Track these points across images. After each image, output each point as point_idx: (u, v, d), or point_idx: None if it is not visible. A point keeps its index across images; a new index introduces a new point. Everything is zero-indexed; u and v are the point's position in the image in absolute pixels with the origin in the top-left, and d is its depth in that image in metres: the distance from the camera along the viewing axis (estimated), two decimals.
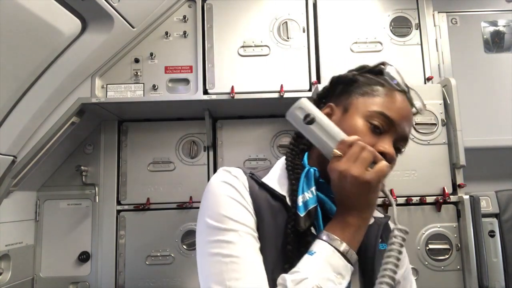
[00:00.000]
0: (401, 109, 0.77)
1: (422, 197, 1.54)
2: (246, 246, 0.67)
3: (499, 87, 1.87)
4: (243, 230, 0.68)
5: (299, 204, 0.71)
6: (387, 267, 0.64)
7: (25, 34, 1.23)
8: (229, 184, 0.73)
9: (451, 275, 1.52)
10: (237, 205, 0.71)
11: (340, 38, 1.79)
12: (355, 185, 0.67)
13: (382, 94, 0.79)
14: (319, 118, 0.74)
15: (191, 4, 1.77)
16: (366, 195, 0.68)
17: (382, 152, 0.72)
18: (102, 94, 1.69)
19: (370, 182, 0.66)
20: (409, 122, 0.79)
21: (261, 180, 0.77)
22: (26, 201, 1.80)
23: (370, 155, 0.68)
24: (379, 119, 0.75)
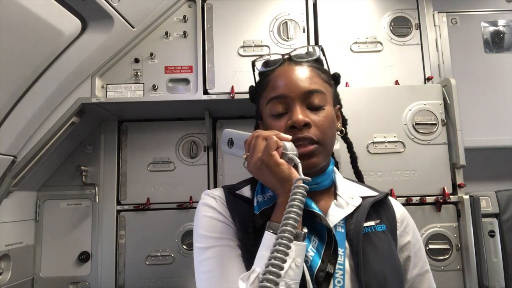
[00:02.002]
0: (283, 79, 0.81)
1: (422, 197, 1.54)
2: (222, 259, 0.74)
3: (499, 87, 1.87)
4: (221, 243, 0.76)
5: (255, 204, 0.79)
6: (285, 222, 0.63)
7: (25, 34, 1.23)
8: (207, 206, 0.82)
9: (451, 275, 1.52)
10: (214, 222, 0.79)
11: (340, 38, 1.79)
12: (259, 170, 0.72)
13: (266, 83, 0.85)
14: (236, 137, 0.82)
15: (191, 4, 1.77)
16: (270, 173, 0.71)
17: (291, 125, 0.77)
18: (102, 94, 1.69)
19: (263, 161, 0.70)
20: (299, 77, 0.80)
21: (235, 192, 0.85)
22: (26, 201, 1.80)
23: (261, 139, 0.72)
24: (274, 105, 0.80)
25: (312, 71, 0.83)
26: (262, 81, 0.87)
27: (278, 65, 0.85)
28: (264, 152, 0.71)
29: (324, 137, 0.79)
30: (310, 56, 0.88)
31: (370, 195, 0.86)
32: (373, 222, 0.82)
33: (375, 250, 0.78)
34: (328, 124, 0.80)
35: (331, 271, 0.73)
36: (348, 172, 1.55)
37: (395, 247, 0.83)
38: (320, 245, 0.75)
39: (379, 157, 1.57)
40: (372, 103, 1.61)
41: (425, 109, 1.60)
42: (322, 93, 0.81)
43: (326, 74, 0.88)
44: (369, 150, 1.58)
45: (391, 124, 1.59)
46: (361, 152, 1.57)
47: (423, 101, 1.61)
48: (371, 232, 0.80)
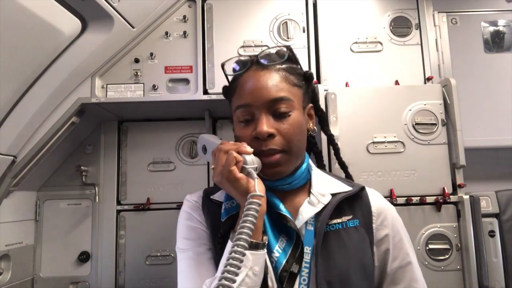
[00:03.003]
0: (250, 86, 0.80)
1: (422, 197, 1.54)
2: (194, 261, 0.79)
3: (499, 87, 1.87)
4: (195, 248, 0.80)
5: (222, 211, 0.81)
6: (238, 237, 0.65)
7: (25, 34, 1.23)
8: (185, 211, 0.87)
9: (451, 275, 1.52)
10: (189, 226, 0.84)
11: (340, 38, 1.79)
12: (221, 184, 0.75)
13: (234, 89, 0.84)
14: (208, 145, 0.84)
15: (191, 4, 1.77)
16: (230, 187, 0.74)
17: (255, 137, 0.78)
18: (102, 94, 1.69)
19: (223, 176, 0.73)
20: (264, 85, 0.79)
21: (210, 197, 0.87)
22: (26, 201, 1.80)
23: (222, 154, 0.74)
24: (240, 113, 0.81)
25: (279, 76, 0.82)
26: (231, 84, 0.87)
27: (245, 69, 0.84)
28: (224, 167, 0.73)
29: (290, 144, 0.79)
30: (280, 58, 0.85)
31: (342, 191, 0.85)
32: (345, 218, 0.82)
33: (342, 247, 0.78)
34: (294, 131, 0.80)
35: (295, 271, 0.74)
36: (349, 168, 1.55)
37: (369, 242, 0.83)
38: (288, 245, 0.77)
39: (379, 157, 1.57)
40: (372, 103, 1.61)
41: (425, 109, 1.60)
42: (288, 100, 0.80)
43: (296, 76, 0.85)
44: (369, 150, 1.58)
45: (391, 124, 1.59)
46: (361, 152, 1.58)
47: (423, 101, 1.61)
48: (342, 228, 0.81)
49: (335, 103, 1.60)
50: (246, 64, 0.84)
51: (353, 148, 1.57)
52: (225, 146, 0.76)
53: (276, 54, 0.86)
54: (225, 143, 0.77)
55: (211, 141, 0.84)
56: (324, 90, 1.62)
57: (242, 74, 0.84)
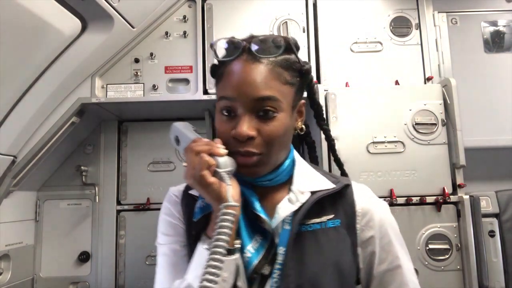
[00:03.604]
0: (236, 78, 0.72)
1: (422, 197, 1.54)
2: (169, 257, 0.77)
3: (499, 87, 1.87)
4: (170, 243, 0.79)
5: (195, 209, 0.78)
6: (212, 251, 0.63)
7: (25, 34, 1.23)
8: (165, 205, 0.84)
9: (451, 275, 1.52)
10: (167, 221, 0.81)
11: (340, 38, 1.79)
12: (193, 187, 0.72)
13: (221, 75, 0.77)
14: (181, 137, 0.78)
15: (191, 4, 1.77)
16: (202, 191, 0.70)
17: (234, 136, 0.72)
18: (102, 94, 1.69)
19: (194, 179, 0.69)
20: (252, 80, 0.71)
21: (188, 192, 0.83)
22: (26, 201, 1.80)
23: (193, 155, 0.70)
24: (224, 104, 0.74)
25: (271, 71, 0.73)
26: (218, 69, 0.79)
27: (235, 56, 0.75)
28: (195, 170, 0.69)
29: (269, 148, 0.73)
30: (275, 50, 0.76)
31: (324, 189, 0.79)
32: (325, 217, 0.77)
33: (317, 249, 0.74)
34: (277, 134, 0.73)
35: (266, 273, 0.71)
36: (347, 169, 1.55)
37: (351, 244, 0.78)
38: (262, 245, 0.73)
39: (379, 157, 1.57)
40: (372, 103, 1.61)
41: (425, 109, 1.60)
42: (275, 100, 0.72)
43: (290, 72, 0.77)
44: (369, 150, 1.58)
45: (391, 124, 1.59)
46: (361, 152, 1.57)
47: (423, 101, 1.61)
48: (320, 229, 0.76)
49: (335, 103, 1.60)
50: (237, 49, 0.76)
51: (353, 148, 1.57)
52: (196, 146, 0.70)
53: (272, 43, 0.76)
54: (198, 141, 0.72)
55: (185, 134, 0.77)
56: (324, 90, 1.62)
57: (231, 61, 0.75)
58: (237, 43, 0.77)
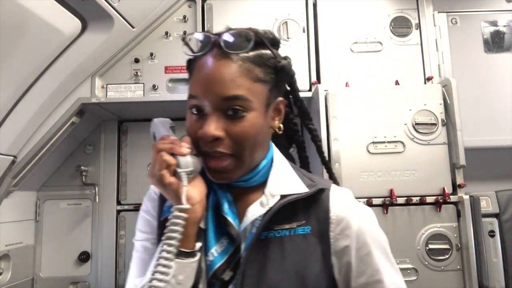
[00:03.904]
0: (204, 76, 0.69)
1: (422, 197, 1.54)
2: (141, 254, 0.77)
3: (499, 87, 1.87)
4: (144, 239, 0.78)
5: (164, 208, 0.75)
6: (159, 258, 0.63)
7: (25, 34, 1.23)
8: (144, 202, 0.83)
9: (451, 275, 1.52)
10: (144, 217, 0.81)
11: (340, 38, 1.79)
12: (156, 186, 0.69)
13: (191, 71, 0.74)
14: (157, 133, 0.76)
15: (191, 4, 1.77)
16: (162, 190, 0.69)
17: (200, 137, 0.68)
18: (102, 94, 1.69)
19: (154, 177, 0.68)
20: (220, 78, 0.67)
21: None
22: (26, 201, 1.80)
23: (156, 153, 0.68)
24: (192, 103, 0.71)
25: (241, 69, 0.68)
26: (189, 64, 0.76)
27: (204, 52, 0.71)
28: (155, 169, 0.67)
29: (241, 149, 0.68)
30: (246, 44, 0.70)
31: (295, 192, 0.73)
32: (295, 223, 0.72)
33: (280, 257, 0.70)
34: (246, 134, 0.68)
35: (225, 278, 0.67)
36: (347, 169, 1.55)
37: (322, 253, 0.72)
38: (227, 249, 0.69)
39: (379, 157, 1.57)
40: (372, 103, 1.61)
41: (425, 109, 1.60)
42: (244, 100, 0.67)
43: (263, 68, 0.71)
44: (369, 150, 1.58)
45: (391, 124, 1.59)
46: (361, 152, 1.57)
47: (423, 101, 1.61)
48: (287, 235, 0.71)
49: (335, 103, 1.60)
50: (207, 44, 0.71)
51: (353, 148, 1.57)
52: (159, 144, 0.68)
53: (243, 37, 0.71)
54: (165, 138, 0.69)
55: (159, 130, 0.76)
56: (324, 90, 1.62)
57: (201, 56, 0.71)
58: (208, 37, 0.71)
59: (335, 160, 1.56)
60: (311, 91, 1.72)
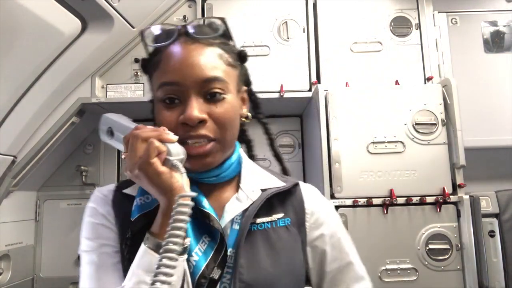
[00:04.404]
0: (178, 61, 0.68)
1: (422, 197, 1.54)
2: (98, 266, 0.68)
3: (499, 87, 1.87)
4: (100, 249, 0.69)
5: (133, 208, 0.68)
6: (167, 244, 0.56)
7: (25, 34, 1.23)
8: (91, 207, 0.74)
9: (451, 275, 1.52)
10: (95, 225, 0.71)
11: (340, 38, 1.79)
12: (138, 179, 0.63)
13: (157, 62, 0.71)
14: (116, 127, 0.70)
15: (191, 4, 1.77)
16: (150, 182, 0.61)
17: (183, 122, 0.66)
18: (102, 94, 1.69)
19: (141, 169, 0.61)
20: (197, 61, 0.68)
21: (123, 191, 0.74)
22: (26, 201, 1.80)
23: (139, 142, 0.61)
24: (165, 92, 0.68)
25: (214, 52, 0.70)
26: (153, 56, 0.73)
27: (171, 40, 0.70)
28: (143, 158, 0.60)
29: (223, 132, 0.69)
30: (213, 32, 0.72)
31: (272, 187, 0.76)
32: (275, 216, 0.74)
33: (270, 248, 0.71)
34: (228, 117, 0.69)
35: (215, 277, 0.66)
36: (347, 169, 1.55)
37: (301, 243, 0.76)
38: (210, 247, 0.68)
39: (379, 157, 1.57)
40: (372, 103, 1.61)
41: (425, 109, 1.60)
42: (222, 81, 0.68)
43: (231, 54, 0.73)
44: (369, 150, 1.58)
45: (391, 124, 1.59)
46: (361, 152, 1.57)
47: (423, 101, 1.61)
48: (270, 228, 0.73)
49: (335, 103, 1.60)
50: (172, 33, 0.70)
51: (353, 148, 1.57)
52: (143, 133, 0.62)
53: (209, 27, 0.72)
54: (142, 127, 0.64)
55: (121, 123, 0.70)
56: (324, 90, 1.62)
57: (167, 46, 0.70)
58: (171, 27, 0.71)
59: (335, 160, 1.56)
60: (311, 91, 1.72)
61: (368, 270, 0.80)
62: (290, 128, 2.02)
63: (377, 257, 1.51)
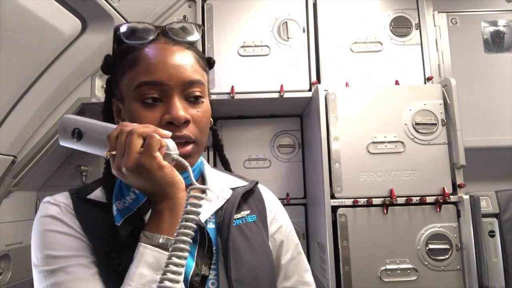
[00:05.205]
0: (160, 61, 0.67)
1: (422, 197, 1.54)
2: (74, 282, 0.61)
3: (499, 87, 1.87)
4: (72, 262, 0.63)
5: (114, 213, 0.65)
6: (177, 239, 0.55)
7: (25, 34, 1.23)
8: (48, 217, 0.66)
9: (451, 275, 1.52)
10: (60, 237, 0.64)
11: (340, 38, 1.79)
12: (136, 175, 0.60)
13: (135, 61, 0.69)
14: (85, 127, 0.65)
15: (191, 4, 1.77)
16: (151, 177, 0.60)
17: (169, 121, 0.66)
18: (102, 94, 1.68)
19: (143, 164, 0.58)
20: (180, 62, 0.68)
21: (86, 197, 0.70)
22: (26, 201, 1.80)
23: (136, 136, 0.59)
24: (146, 91, 0.66)
25: (192, 55, 0.71)
26: (127, 54, 0.70)
27: (150, 39, 0.70)
28: (145, 153, 0.58)
29: (201, 134, 0.70)
30: (188, 35, 0.73)
31: (240, 186, 0.81)
32: (243, 213, 0.77)
33: (247, 242, 0.73)
34: (205, 120, 0.71)
35: (206, 273, 0.67)
36: (347, 169, 1.55)
37: (267, 237, 0.80)
38: (193, 246, 0.67)
39: (379, 157, 1.57)
40: (372, 103, 1.61)
41: (425, 109, 1.60)
42: (202, 84, 0.70)
43: (204, 60, 0.76)
44: (369, 150, 1.58)
45: (391, 124, 1.59)
46: (361, 152, 1.57)
47: (423, 101, 1.61)
48: (242, 223, 0.75)
49: (335, 103, 1.60)
50: (151, 32, 0.70)
51: (353, 148, 1.57)
52: (139, 128, 0.60)
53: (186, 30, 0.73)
54: (129, 124, 0.61)
55: (95, 123, 0.65)
56: (324, 90, 1.62)
57: (146, 45, 0.69)
58: (150, 26, 0.71)
59: (335, 160, 1.56)
60: (311, 91, 1.72)
61: (368, 270, 0.81)
62: (290, 128, 2.02)
63: (377, 257, 1.50)
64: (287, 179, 1.98)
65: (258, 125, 1.98)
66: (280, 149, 1.99)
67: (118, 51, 0.73)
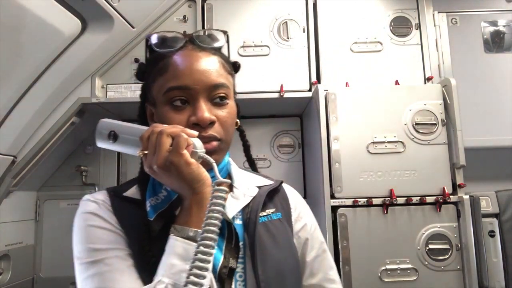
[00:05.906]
0: (187, 67, 0.73)
1: (422, 197, 1.54)
2: (112, 273, 0.66)
3: (499, 87, 1.87)
4: (110, 255, 0.67)
5: (147, 209, 0.71)
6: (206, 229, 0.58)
7: (25, 34, 1.23)
8: (89, 213, 0.72)
9: (451, 275, 1.52)
10: (99, 231, 0.70)
11: (340, 38, 1.79)
12: (166, 172, 0.65)
13: (165, 68, 0.75)
14: (120, 130, 0.71)
15: (191, 4, 1.77)
16: (179, 174, 0.64)
17: (195, 123, 0.71)
18: (102, 94, 1.69)
19: (172, 161, 0.63)
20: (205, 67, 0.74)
21: (122, 194, 0.76)
22: (26, 201, 1.80)
23: (165, 136, 0.64)
24: (174, 96, 0.73)
25: (217, 60, 0.77)
26: (158, 62, 0.77)
27: (179, 47, 0.76)
28: (173, 151, 0.64)
29: (226, 134, 0.75)
30: (214, 42, 0.79)
31: (266, 184, 0.84)
32: (269, 211, 0.81)
33: (272, 238, 0.77)
34: (231, 120, 0.76)
35: (234, 266, 0.71)
36: (347, 169, 1.55)
37: (291, 234, 0.83)
38: (221, 240, 0.71)
39: (379, 157, 1.57)
40: (372, 103, 1.61)
41: (425, 109, 1.60)
42: (227, 87, 0.75)
43: (229, 64, 0.81)
44: (369, 150, 1.58)
45: (391, 124, 1.59)
46: (361, 152, 1.57)
47: (423, 101, 1.61)
48: (268, 221, 0.79)
49: (335, 103, 1.60)
50: (178, 40, 0.76)
51: (353, 148, 1.57)
52: (168, 128, 0.65)
53: (212, 37, 0.80)
54: (159, 125, 0.67)
55: (128, 125, 0.72)
56: (324, 90, 1.62)
57: (174, 52, 0.76)
58: (178, 35, 0.78)
59: (335, 160, 1.56)
60: (311, 91, 1.72)
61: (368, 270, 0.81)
62: (290, 128, 2.02)
63: (377, 257, 1.50)
64: (287, 179, 1.96)
65: (258, 125, 1.98)
66: (280, 149, 1.99)
67: (150, 59, 0.80)
